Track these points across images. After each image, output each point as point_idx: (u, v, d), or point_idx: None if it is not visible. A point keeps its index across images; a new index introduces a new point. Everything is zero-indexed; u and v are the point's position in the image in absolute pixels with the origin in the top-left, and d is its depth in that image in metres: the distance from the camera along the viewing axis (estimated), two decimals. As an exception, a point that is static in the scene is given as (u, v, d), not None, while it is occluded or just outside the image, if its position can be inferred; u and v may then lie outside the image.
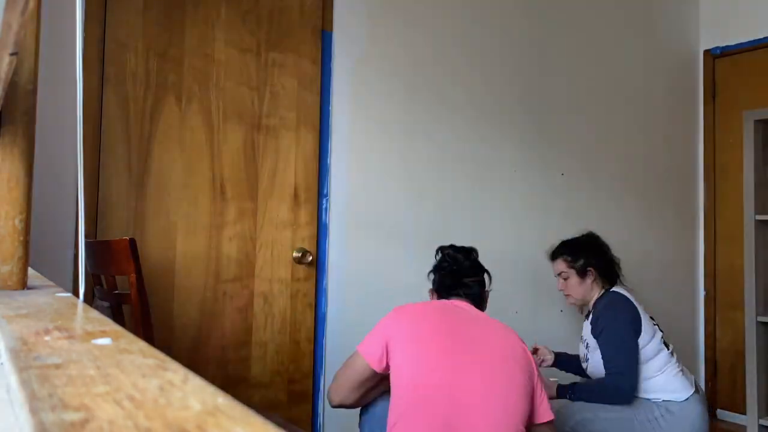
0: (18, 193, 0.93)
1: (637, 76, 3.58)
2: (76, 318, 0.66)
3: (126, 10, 2.26)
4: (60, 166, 2.07)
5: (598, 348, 2.40)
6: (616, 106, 3.49)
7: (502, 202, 3.06)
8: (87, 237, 1.81)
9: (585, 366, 2.52)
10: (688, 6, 3.84)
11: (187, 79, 2.36)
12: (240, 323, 2.42)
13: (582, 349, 2.56)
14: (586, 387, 2.40)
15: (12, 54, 0.70)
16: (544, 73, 3.22)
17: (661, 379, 2.40)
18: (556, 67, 3.27)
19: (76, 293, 0.91)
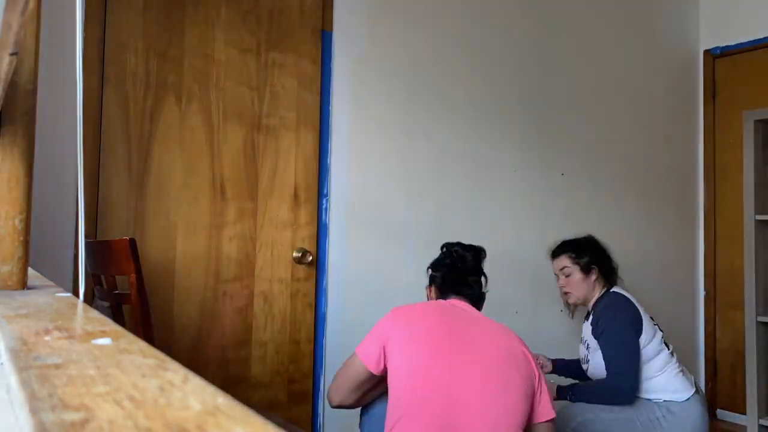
0: (18, 193, 0.93)
1: (637, 76, 3.58)
2: (76, 318, 0.66)
3: (126, 10, 2.26)
4: (60, 166, 2.07)
5: (599, 349, 2.40)
6: (616, 106, 3.49)
7: (502, 202, 3.06)
8: (87, 237, 1.82)
9: (585, 367, 2.51)
10: (688, 6, 3.84)
11: (187, 79, 2.36)
12: (240, 323, 2.42)
13: (582, 350, 2.56)
14: (586, 388, 2.40)
15: (12, 54, 0.70)
16: (544, 73, 3.22)
17: (661, 379, 2.40)
18: (556, 67, 3.27)
19: (76, 293, 0.91)
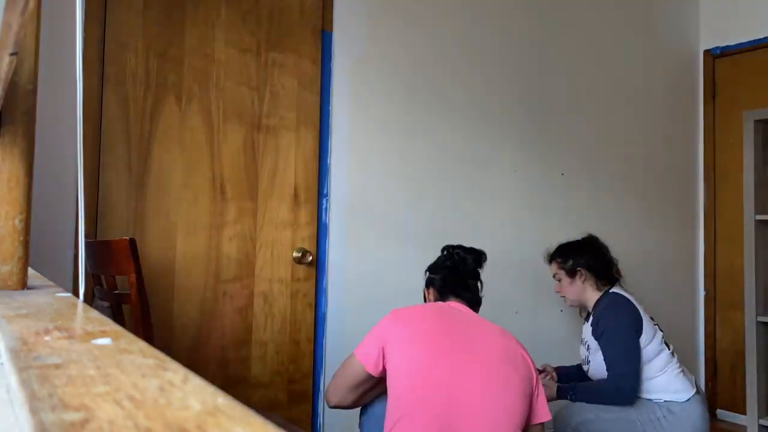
0: (18, 193, 0.93)
1: (637, 76, 3.58)
2: (76, 318, 0.66)
3: (126, 10, 2.26)
4: (60, 166, 2.07)
5: (600, 350, 2.40)
6: (616, 106, 3.49)
7: (502, 202, 3.06)
8: (87, 237, 1.82)
9: (586, 368, 2.51)
10: (688, 6, 3.84)
11: (187, 79, 2.36)
12: (240, 323, 2.42)
13: (583, 351, 2.56)
14: (587, 388, 2.39)
15: (12, 54, 0.70)
16: (544, 73, 3.22)
17: (662, 379, 2.40)
18: (556, 67, 3.27)
19: (76, 293, 0.91)
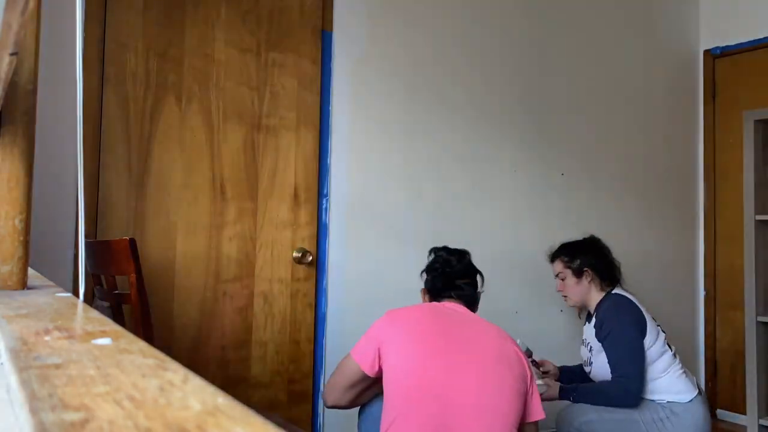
0: (18, 193, 0.93)
1: (637, 76, 3.58)
2: (76, 318, 0.66)
3: (126, 10, 2.26)
4: (60, 166, 2.07)
5: (603, 351, 2.39)
6: (616, 106, 3.48)
7: (502, 202, 3.06)
8: (87, 237, 1.81)
9: (588, 370, 2.50)
10: (688, 6, 3.84)
11: (187, 79, 2.36)
12: (240, 323, 2.42)
13: (584, 352, 2.55)
14: (590, 389, 2.38)
15: (12, 54, 0.70)
16: (544, 73, 3.22)
17: (665, 380, 2.39)
18: (556, 67, 3.27)
19: (76, 293, 0.91)
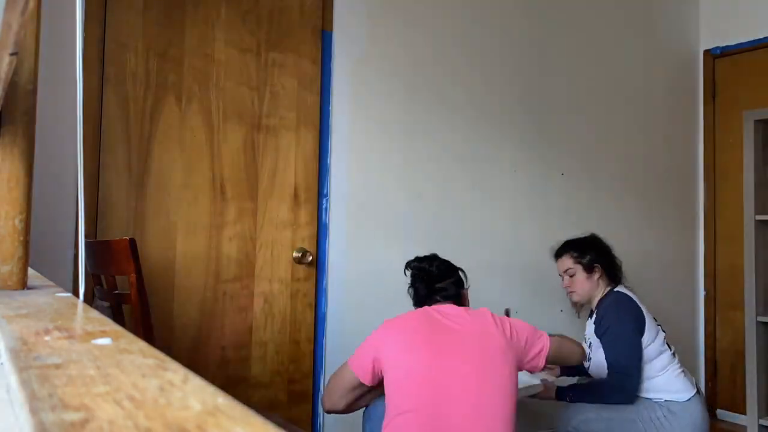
0: (18, 193, 0.93)
1: (637, 76, 3.58)
2: (76, 318, 0.66)
3: (126, 10, 2.26)
4: (60, 166, 2.07)
5: (601, 347, 2.40)
6: (616, 106, 3.48)
7: (502, 201, 3.06)
8: (87, 237, 1.81)
9: (587, 365, 2.52)
10: (688, 6, 3.84)
11: (187, 79, 2.36)
12: (240, 323, 2.42)
13: (585, 348, 2.56)
14: (586, 388, 2.39)
15: (12, 54, 0.70)
16: (544, 73, 3.22)
17: (662, 379, 2.40)
18: (556, 67, 3.27)
19: (76, 293, 0.91)
